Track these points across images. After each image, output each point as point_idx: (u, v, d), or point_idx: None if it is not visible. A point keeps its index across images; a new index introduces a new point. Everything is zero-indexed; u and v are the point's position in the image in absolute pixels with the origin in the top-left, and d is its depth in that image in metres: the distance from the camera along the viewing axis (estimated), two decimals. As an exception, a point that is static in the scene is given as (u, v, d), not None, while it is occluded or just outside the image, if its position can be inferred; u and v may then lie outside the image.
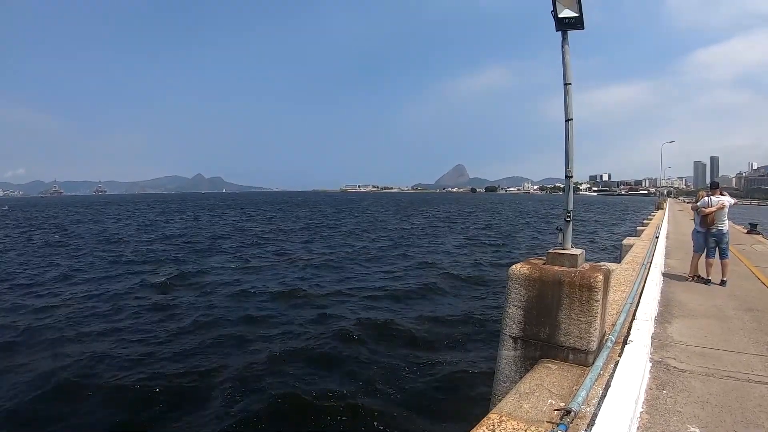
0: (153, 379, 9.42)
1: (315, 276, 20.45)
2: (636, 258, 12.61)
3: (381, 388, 9.14)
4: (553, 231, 38.09)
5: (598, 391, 4.21)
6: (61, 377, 9.49)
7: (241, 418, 7.92)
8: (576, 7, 5.30)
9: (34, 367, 10.10)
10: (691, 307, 7.96)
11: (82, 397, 8.81)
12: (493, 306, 15.01)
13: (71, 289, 18.04)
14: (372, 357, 10.68)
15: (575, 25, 5.44)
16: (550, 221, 59.27)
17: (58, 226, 52.96)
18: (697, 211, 10.30)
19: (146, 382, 9.23)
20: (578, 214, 73.96)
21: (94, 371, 9.91)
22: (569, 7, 5.32)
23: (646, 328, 5.98)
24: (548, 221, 59.90)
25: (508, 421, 3.66)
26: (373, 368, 10.07)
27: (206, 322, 13.24)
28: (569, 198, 5.48)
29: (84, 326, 13.05)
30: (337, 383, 9.34)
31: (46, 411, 8.26)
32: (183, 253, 27.48)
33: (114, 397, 8.82)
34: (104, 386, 9.19)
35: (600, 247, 31.53)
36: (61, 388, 9.04)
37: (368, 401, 8.63)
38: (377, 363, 10.35)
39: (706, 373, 5.05)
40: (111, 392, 8.97)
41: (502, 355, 5.31)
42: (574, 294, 4.80)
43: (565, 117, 5.53)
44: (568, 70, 5.53)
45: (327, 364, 10.27)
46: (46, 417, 8.08)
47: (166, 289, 17.76)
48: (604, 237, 40.27)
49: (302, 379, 9.49)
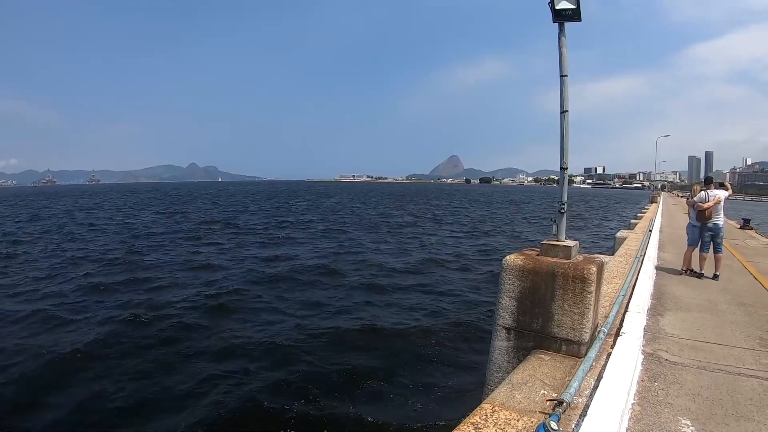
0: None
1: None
2: (629, 251, 12.64)
3: (371, 378, 9.15)
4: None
5: (591, 382, 4.22)
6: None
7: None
8: (573, -1, 5.27)
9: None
10: (683, 301, 8.00)
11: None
12: (484, 297, 15.05)
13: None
14: (361, 346, 10.73)
15: (572, 16, 5.39)
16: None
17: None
18: (693, 206, 10.32)
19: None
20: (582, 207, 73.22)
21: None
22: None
23: (639, 320, 5.99)
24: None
25: (501, 411, 3.67)
26: (362, 357, 10.09)
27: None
28: (564, 189, 5.47)
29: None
30: (328, 374, 9.33)
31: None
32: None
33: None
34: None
35: (595, 238, 31.69)
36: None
37: (358, 390, 8.66)
38: (367, 352, 10.39)
39: (697, 366, 5.08)
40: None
41: (495, 345, 5.31)
42: (568, 285, 4.80)
43: (560, 109, 5.51)
44: (565, 62, 5.50)
45: (320, 352, 10.32)
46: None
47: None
48: (597, 228, 40.28)
49: (291, 372, 9.49)
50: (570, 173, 5.77)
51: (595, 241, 30.68)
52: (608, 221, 50.47)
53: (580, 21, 5.45)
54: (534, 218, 53.14)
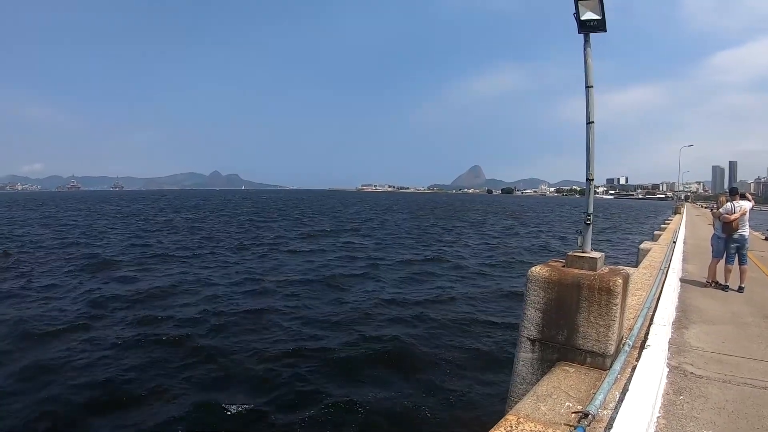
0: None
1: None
2: (653, 262, 12.51)
3: (396, 386, 9.18)
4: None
5: (616, 395, 4.21)
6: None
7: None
8: (598, 9, 5.26)
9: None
10: (708, 313, 7.91)
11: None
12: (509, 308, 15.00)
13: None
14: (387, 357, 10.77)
15: (598, 27, 5.39)
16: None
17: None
18: (719, 217, 10.20)
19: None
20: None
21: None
22: (592, 10, 5.28)
23: (664, 333, 5.95)
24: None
25: (526, 423, 3.67)
26: (389, 367, 10.12)
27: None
28: (590, 201, 5.47)
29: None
30: (352, 382, 9.39)
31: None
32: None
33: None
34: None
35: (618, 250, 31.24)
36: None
37: (383, 399, 8.70)
38: (393, 362, 10.42)
39: (723, 379, 5.04)
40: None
41: (520, 357, 5.31)
42: (593, 297, 4.80)
43: (586, 120, 5.50)
44: (590, 73, 5.49)
45: (346, 361, 10.42)
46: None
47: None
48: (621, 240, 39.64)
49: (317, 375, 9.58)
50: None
51: (618, 255, 30.12)
52: (629, 234, 49.39)
53: (605, 32, 5.46)
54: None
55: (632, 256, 24.12)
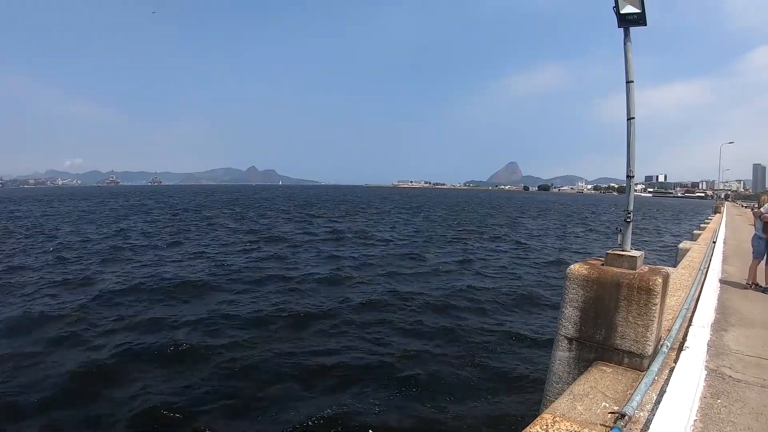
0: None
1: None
2: (692, 263, 12.27)
3: (431, 384, 9.20)
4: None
5: (653, 397, 4.18)
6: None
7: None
8: (638, 2, 5.17)
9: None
10: (748, 316, 7.73)
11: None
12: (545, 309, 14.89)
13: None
14: (423, 352, 10.83)
15: (638, 21, 5.29)
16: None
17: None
18: (760, 217, 9.95)
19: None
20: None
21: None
22: (631, 3, 5.20)
23: (703, 335, 5.86)
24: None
25: (562, 422, 3.67)
26: (424, 363, 10.15)
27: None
28: (630, 198, 5.40)
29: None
30: (389, 378, 9.44)
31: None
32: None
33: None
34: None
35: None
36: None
37: (417, 396, 8.73)
38: (428, 358, 10.47)
39: (762, 384, 4.93)
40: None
41: (557, 356, 5.30)
42: (632, 296, 4.75)
43: (627, 115, 5.43)
44: (631, 68, 5.41)
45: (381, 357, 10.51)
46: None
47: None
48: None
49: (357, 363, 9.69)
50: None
51: (657, 253, 29.44)
52: (663, 233, 47.95)
53: (645, 25, 5.35)
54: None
55: (670, 255, 23.52)
